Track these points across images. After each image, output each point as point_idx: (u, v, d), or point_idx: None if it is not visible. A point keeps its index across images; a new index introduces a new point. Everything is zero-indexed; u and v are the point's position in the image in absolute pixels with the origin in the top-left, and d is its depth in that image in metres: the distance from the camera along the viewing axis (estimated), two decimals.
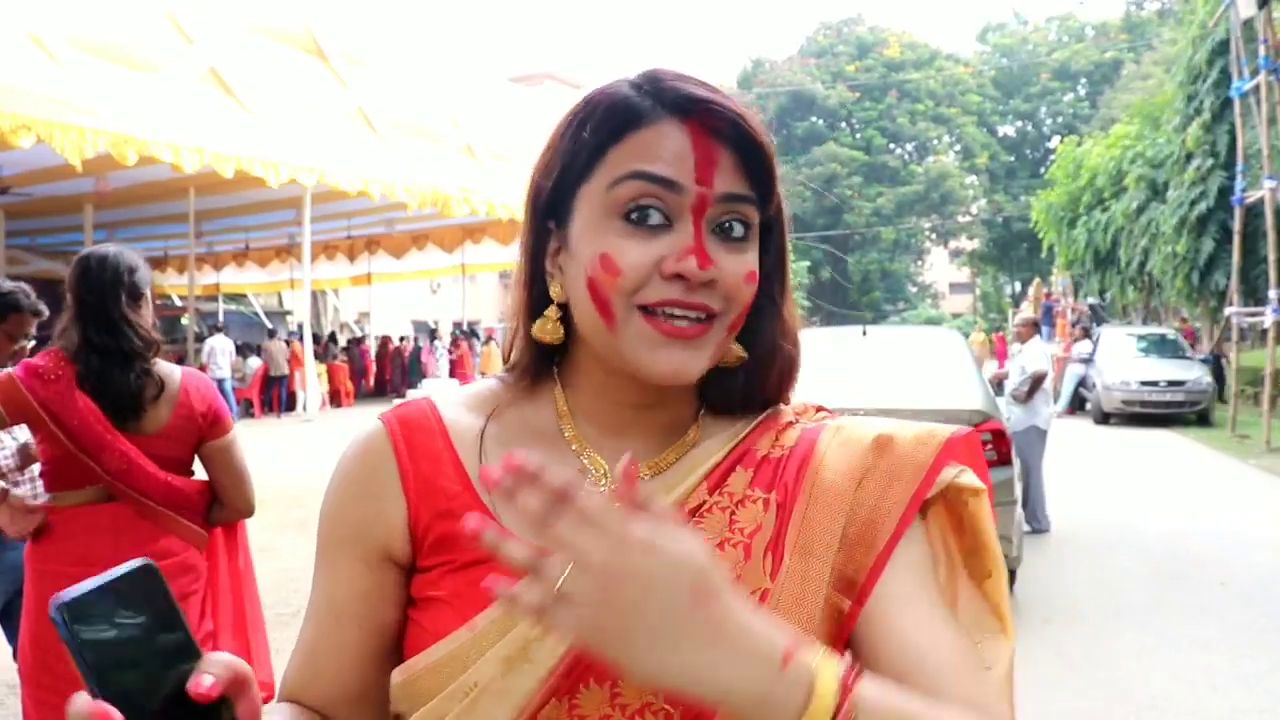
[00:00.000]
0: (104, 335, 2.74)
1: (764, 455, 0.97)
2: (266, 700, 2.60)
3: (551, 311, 0.95)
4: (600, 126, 0.90)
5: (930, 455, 0.93)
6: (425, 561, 0.94)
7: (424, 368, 24.63)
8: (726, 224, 0.90)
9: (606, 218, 0.89)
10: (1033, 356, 8.67)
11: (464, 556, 0.92)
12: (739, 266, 0.90)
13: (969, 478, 0.94)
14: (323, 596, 0.98)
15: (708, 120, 0.89)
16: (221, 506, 2.95)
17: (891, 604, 0.89)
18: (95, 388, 2.71)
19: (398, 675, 0.90)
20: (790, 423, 1.01)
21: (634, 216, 0.88)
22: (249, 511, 3.04)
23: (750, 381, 0.99)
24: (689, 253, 0.87)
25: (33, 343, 3.45)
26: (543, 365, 1.00)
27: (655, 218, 0.88)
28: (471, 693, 0.85)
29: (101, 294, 2.75)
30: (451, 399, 1.03)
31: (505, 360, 1.04)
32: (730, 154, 0.89)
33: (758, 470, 0.96)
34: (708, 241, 0.88)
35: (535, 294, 0.97)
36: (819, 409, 1.05)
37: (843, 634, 0.88)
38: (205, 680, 0.66)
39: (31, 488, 3.32)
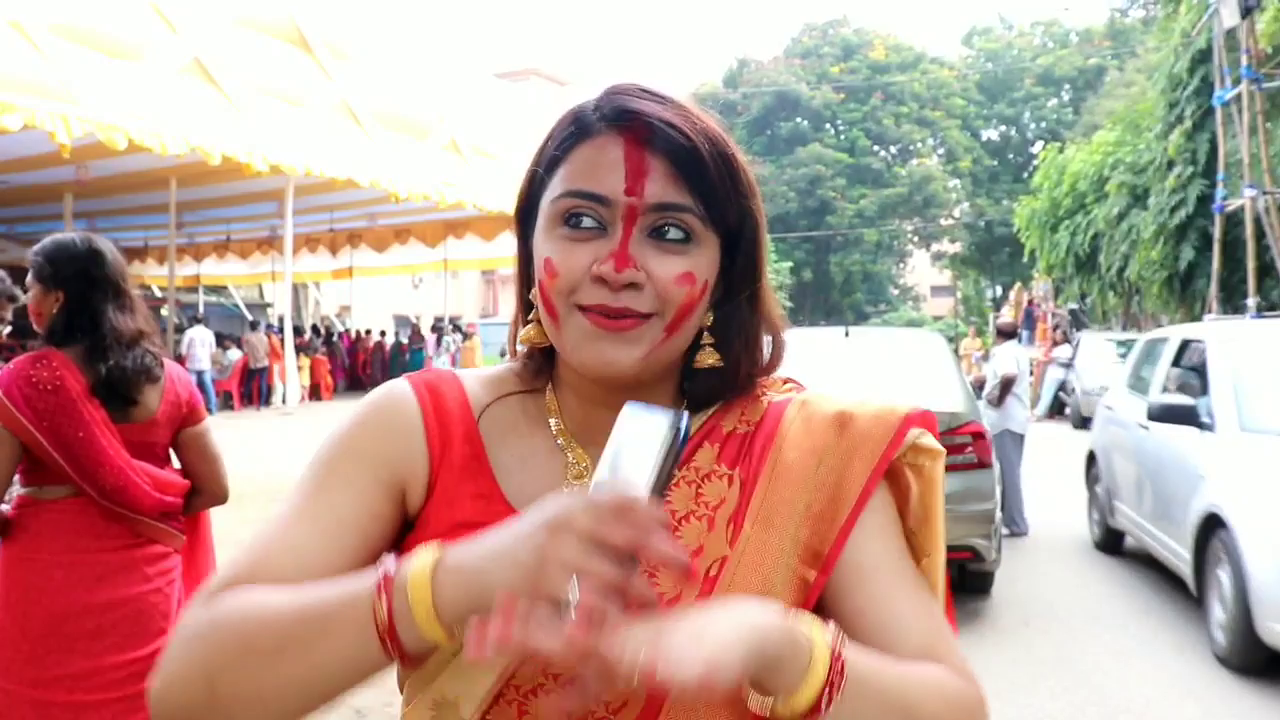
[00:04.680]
0: (127, 317, 2.71)
1: (729, 431, 1.03)
2: None
3: (534, 315, 1.02)
4: (557, 141, 0.98)
5: (890, 431, 0.99)
6: (430, 510, 0.98)
7: (429, 363, 24.45)
8: (662, 229, 0.94)
9: (553, 225, 0.96)
10: (1003, 360, 8.75)
11: (461, 515, 0.97)
12: (670, 269, 0.94)
13: (929, 440, 1.01)
14: (320, 501, 0.95)
15: (641, 132, 0.93)
16: (198, 494, 2.93)
17: (859, 577, 0.96)
18: (116, 377, 2.66)
19: None
20: (756, 395, 1.06)
21: (572, 222, 0.95)
22: (225, 497, 3.02)
23: (725, 381, 1.04)
24: (610, 257, 0.92)
25: (8, 328, 3.40)
26: (543, 360, 1.06)
27: (590, 223, 0.94)
28: (459, 654, 0.89)
29: (123, 273, 2.76)
30: (472, 375, 1.09)
31: (512, 353, 1.10)
32: (665, 164, 0.93)
33: (723, 446, 1.01)
34: (639, 246, 0.93)
35: (524, 300, 1.05)
36: (786, 380, 1.10)
37: (808, 604, 0.94)
38: None
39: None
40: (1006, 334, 9.58)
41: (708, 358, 1.01)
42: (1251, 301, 14.88)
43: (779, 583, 0.93)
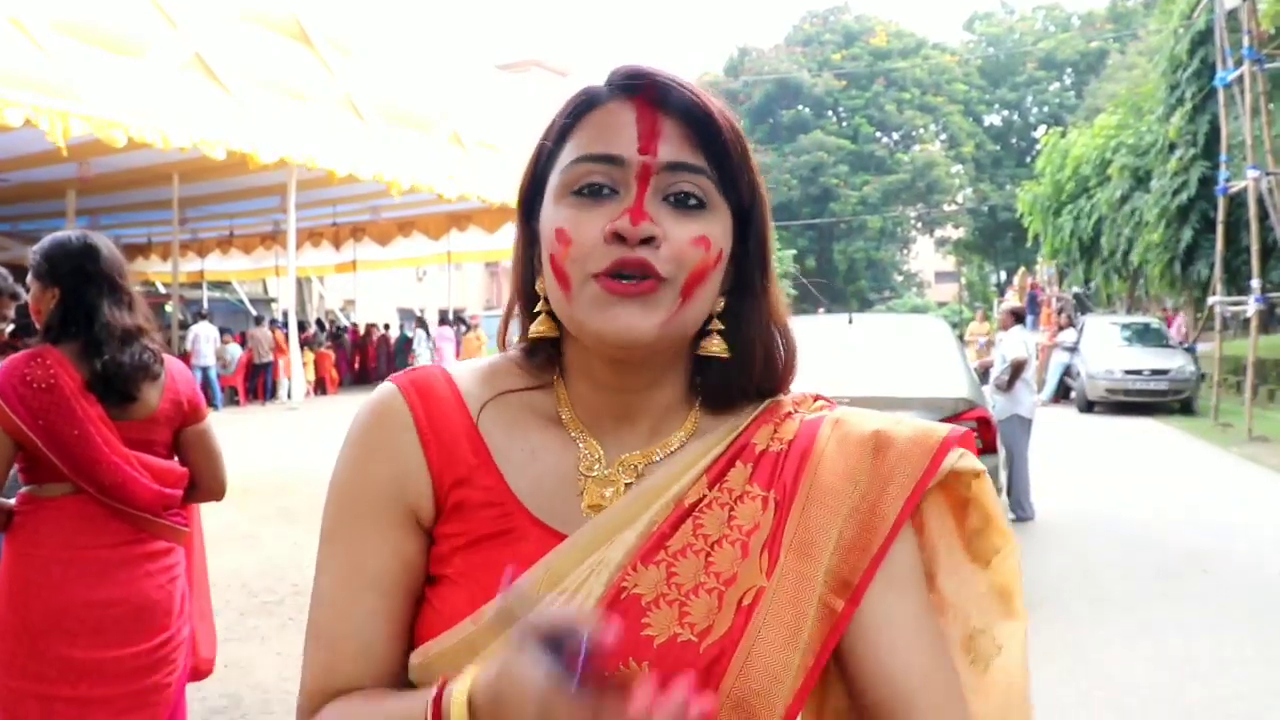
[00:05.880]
0: (124, 312, 2.71)
1: (763, 450, 0.98)
2: (206, 674, 2.63)
3: (542, 305, 0.98)
4: (565, 113, 0.96)
5: (926, 457, 0.95)
6: (443, 528, 0.95)
7: (412, 359, 24.37)
8: (677, 193, 0.91)
9: (562, 197, 0.92)
10: (1013, 345, 8.71)
11: (477, 530, 0.94)
12: (685, 231, 0.91)
13: (969, 461, 0.96)
14: (344, 572, 0.96)
15: (652, 93, 0.91)
16: (196, 489, 2.94)
17: (881, 621, 0.92)
18: (112, 373, 2.66)
19: (415, 658, 0.92)
20: (789, 414, 1.02)
21: (585, 191, 0.91)
22: (222, 493, 3.02)
23: (738, 372, 1.00)
24: (625, 213, 0.89)
25: (10, 326, 3.41)
26: (548, 351, 1.01)
27: (603, 190, 0.91)
28: None
29: (121, 269, 2.76)
30: (464, 370, 1.04)
31: (501, 346, 1.08)
32: (679, 125, 0.92)
33: (756, 465, 0.97)
34: (654, 206, 0.90)
35: (526, 291, 1.01)
36: (818, 398, 1.06)
37: (835, 634, 0.91)
38: None
39: None
40: (1017, 317, 9.56)
41: (712, 344, 0.97)
42: (1255, 283, 14.85)
43: (809, 614, 0.90)
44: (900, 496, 0.93)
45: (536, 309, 0.99)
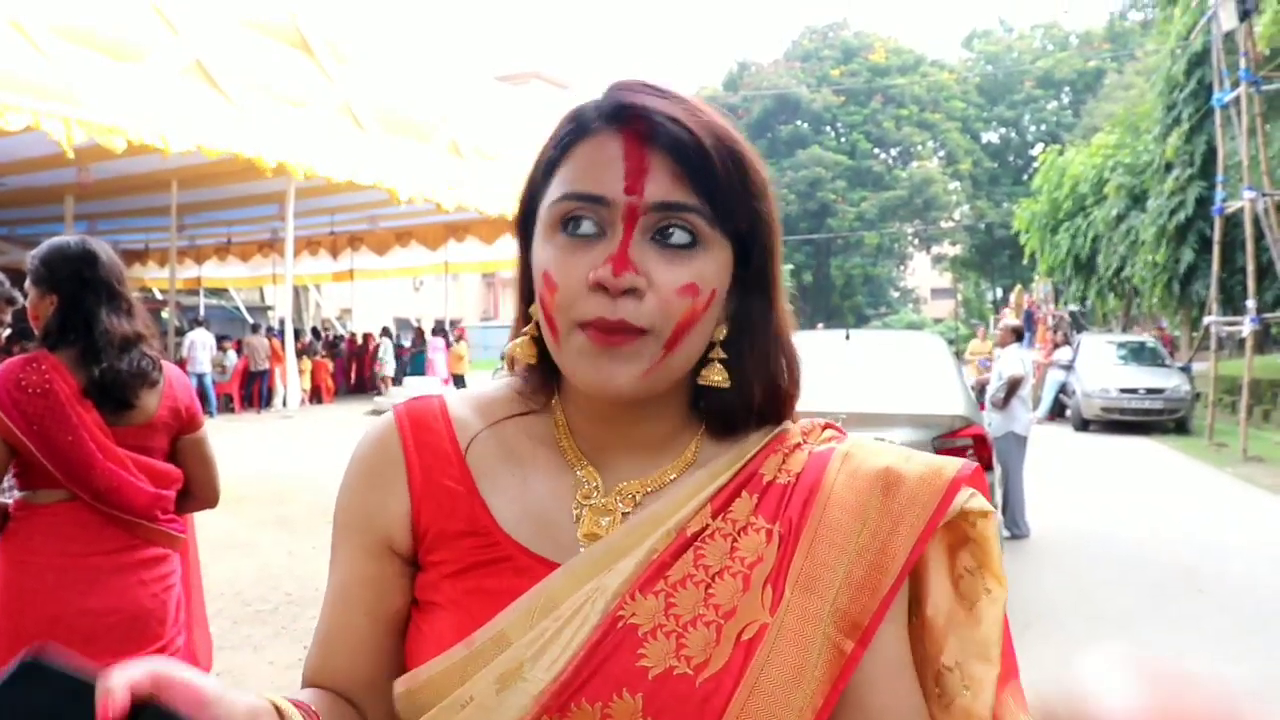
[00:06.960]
0: (122, 319, 2.70)
1: (769, 481, 0.96)
2: None
3: (530, 329, 0.96)
4: (555, 142, 0.92)
5: (936, 498, 0.92)
6: (426, 557, 0.96)
7: (379, 366, 24.23)
8: (666, 231, 0.88)
9: (551, 233, 0.90)
10: (1010, 362, 8.71)
11: (462, 559, 0.94)
12: (674, 277, 0.87)
13: (978, 501, 0.94)
14: (334, 583, 1.01)
15: (640, 127, 0.87)
16: (191, 497, 2.93)
17: (877, 659, 0.90)
18: (110, 379, 2.64)
19: (400, 686, 0.91)
20: (798, 444, 0.99)
21: (570, 228, 0.88)
22: (216, 501, 3.02)
23: (740, 400, 0.97)
24: (608, 260, 0.85)
25: (7, 330, 3.40)
26: (546, 377, 0.99)
27: (588, 227, 0.88)
28: (467, 706, 0.86)
29: (119, 276, 2.74)
30: (461, 399, 1.04)
31: (510, 368, 1.05)
32: (668, 161, 0.87)
33: (762, 497, 0.95)
34: (640, 249, 0.87)
35: (525, 316, 0.99)
36: (827, 426, 1.04)
37: (845, 677, 0.88)
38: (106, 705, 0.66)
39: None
40: (1016, 335, 9.58)
41: (713, 374, 0.94)
42: (1251, 303, 14.89)
43: (815, 653, 0.87)
44: (910, 538, 0.91)
45: (527, 330, 0.97)
